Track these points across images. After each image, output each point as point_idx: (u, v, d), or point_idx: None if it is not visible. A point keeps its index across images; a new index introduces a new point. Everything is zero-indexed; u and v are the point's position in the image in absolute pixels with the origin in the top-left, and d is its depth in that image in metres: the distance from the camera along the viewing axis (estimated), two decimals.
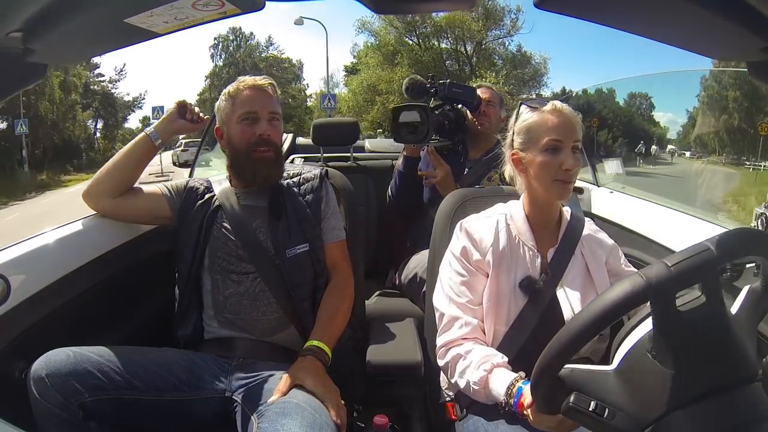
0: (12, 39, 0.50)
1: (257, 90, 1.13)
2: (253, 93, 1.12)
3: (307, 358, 0.95)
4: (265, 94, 1.13)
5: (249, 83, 1.14)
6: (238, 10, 0.57)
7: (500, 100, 1.69)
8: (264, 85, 1.14)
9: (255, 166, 1.11)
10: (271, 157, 1.12)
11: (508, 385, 0.80)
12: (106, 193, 1.13)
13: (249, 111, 1.11)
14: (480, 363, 0.85)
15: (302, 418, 0.79)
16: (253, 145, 1.10)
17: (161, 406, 0.91)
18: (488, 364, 0.84)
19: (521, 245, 0.96)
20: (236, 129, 1.12)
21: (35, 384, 0.81)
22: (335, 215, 1.19)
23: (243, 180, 1.15)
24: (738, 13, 0.47)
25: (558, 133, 0.91)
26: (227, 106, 1.13)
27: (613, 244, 1.03)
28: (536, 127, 0.93)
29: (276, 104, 1.15)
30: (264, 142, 1.11)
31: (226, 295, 1.08)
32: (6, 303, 0.88)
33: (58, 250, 1.02)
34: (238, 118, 1.12)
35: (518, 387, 0.79)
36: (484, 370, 0.84)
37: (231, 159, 1.16)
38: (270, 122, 1.12)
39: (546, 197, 0.95)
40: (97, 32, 0.58)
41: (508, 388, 0.80)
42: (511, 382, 0.80)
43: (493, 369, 0.84)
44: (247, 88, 1.13)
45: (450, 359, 0.91)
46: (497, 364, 0.85)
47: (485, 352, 0.88)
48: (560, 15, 0.54)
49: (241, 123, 1.12)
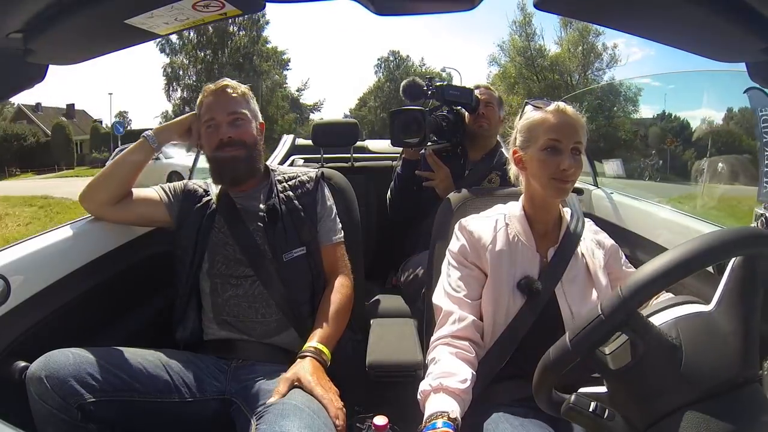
0: (12, 39, 0.50)
1: (215, 95, 1.13)
2: (211, 99, 1.13)
3: (306, 359, 0.95)
4: (223, 96, 1.12)
5: (208, 90, 1.14)
6: (238, 11, 0.57)
7: (499, 102, 1.69)
8: (220, 87, 1.13)
9: (221, 167, 1.12)
10: (238, 156, 1.11)
11: (432, 413, 0.77)
12: (104, 199, 1.11)
13: (209, 118, 1.12)
14: (437, 376, 0.83)
15: (301, 420, 0.79)
16: (217, 149, 1.11)
17: (160, 408, 0.91)
18: (437, 382, 0.82)
19: (520, 245, 0.96)
20: (204, 136, 1.14)
21: (34, 385, 0.81)
22: (332, 217, 1.19)
23: (221, 181, 1.16)
24: (737, 14, 0.47)
25: (557, 134, 0.92)
26: (198, 115, 1.15)
27: (613, 245, 1.03)
28: (537, 126, 0.94)
29: (237, 104, 1.13)
30: (227, 144, 1.10)
31: (225, 297, 1.08)
32: (6, 304, 0.88)
33: (58, 252, 1.02)
34: (203, 126, 1.13)
35: (435, 422, 0.75)
36: (429, 385, 0.82)
37: (208, 163, 1.16)
38: (231, 124, 1.11)
39: (543, 196, 0.96)
40: (97, 33, 0.58)
41: (430, 416, 0.77)
42: (437, 412, 0.77)
43: (438, 390, 0.81)
44: (207, 95, 1.14)
45: (431, 357, 0.90)
46: (445, 387, 0.81)
47: (449, 368, 0.85)
48: (560, 16, 0.54)
49: (205, 130, 1.13)
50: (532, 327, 0.90)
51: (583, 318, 0.58)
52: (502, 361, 0.91)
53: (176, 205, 1.16)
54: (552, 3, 0.52)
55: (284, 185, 1.18)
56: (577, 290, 0.93)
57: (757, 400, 0.55)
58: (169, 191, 1.17)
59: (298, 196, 1.16)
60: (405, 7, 0.66)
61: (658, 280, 0.54)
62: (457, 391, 0.81)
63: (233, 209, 1.13)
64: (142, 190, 1.16)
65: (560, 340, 0.60)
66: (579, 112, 0.95)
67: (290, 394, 0.87)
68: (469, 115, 1.64)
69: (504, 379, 0.90)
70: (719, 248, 0.54)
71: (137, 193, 1.15)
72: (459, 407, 0.79)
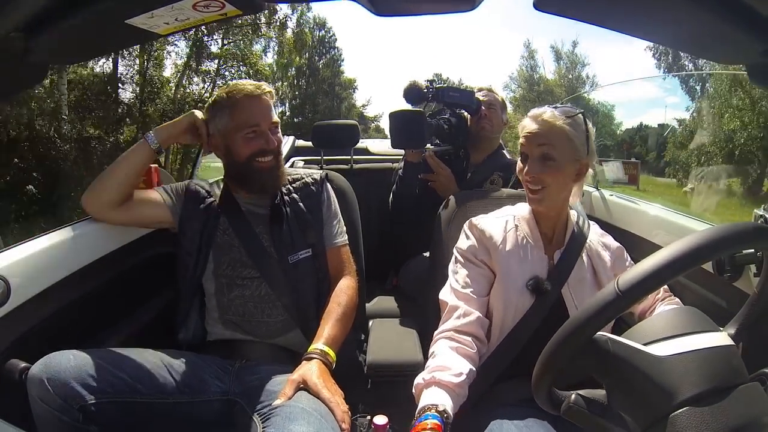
0: (12, 39, 0.50)
1: (257, 99, 1.06)
2: (252, 102, 1.06)
3: (312, 362, 0.94)
4: (265, 103, 1.08)
5: (247, 91, 1.06)
6: (238, 11, 0.57)
7: (502, 104, 1.68)
8: (261, 91, 1.07)
9: (260, 175, 1.09)
10: (273, 165, 1.10)
11: (423, 406, 0.77)
12: (105, 201, 1.08)
13: (254, 124, 1.06)
14: (431, 369, 0.84)
15: (309, 423, 0.79)
16: (256, 156, 1.08)
17: (163, 409, 0.90)
18: (430, 376, 0.82)
19: (528, 246, 0.97)
20: (237, 141, 1.07)
21: (35, 387, 0.81)
22: (337, 219, 1.19)
23: (247, 188, 1.13)
24: (738, 16, 0.47)
25: (525, 139, 0.95)
26: (224, 116, 1.08)
27: (619, 247, 1.04)
28: (519, 131, 0.97)
29: (273, 111, 1.10)
30: (269, 152, 1.08)
31: (231, 297, 1.08)
32: (6, 305, 0.88)
33: (59, 252, 1.02)
34: (238, 130, 1.07)
35: (426, 415, 0.76)
36: (423, 379, 0.83)
37: (230, 168, 1.13)
38: (272, 132, 1.09)
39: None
40: (97, 33, 0.58)
41: (421, 409, 0.77)
42: (427, 405, 0.77)
43: (431, 383, 0.81)
44: (243, 96, 1.06)
45: (432, 351, 0.91)
46: (438, 381, 0.81)
47: (445, 362, 0.85)
48: (559, 16, 0.54)
49: (242, 135, 1.07)
50: (538, 327, 0.91)
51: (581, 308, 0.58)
52: (507, 360, 0.92)
53: (179, 206, 1.14)
54: (552, 3, 0.52)
55: (289, 187, 1.17)
56: (584, 291, 0.94)
57: (758, 400, 0.55)
58: (171, 192, 1.15)
59: (303, 198, 1.16)
60: (405, 8, 0.66)
61: (648, 279, 0.54)
62: (450, 384, 0.81)
63: (238, 211, 1.12)
64: (144, 192, 1.14)
65: (556, 333, 0.60)
66: (568, 117, 0.93)
67: (296, 397, 0.87)
68: (471, 118, 1.64)
69: (509, 379, 0.91)
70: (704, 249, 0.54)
71: (139, 195, 1.12)
72: (451, 401, 0.79)
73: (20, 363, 0.87)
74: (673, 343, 0.57)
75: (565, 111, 0.94)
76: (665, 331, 0.58)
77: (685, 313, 0.63)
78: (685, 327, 0.59)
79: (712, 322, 0.61)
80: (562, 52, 19.53)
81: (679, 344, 0.57)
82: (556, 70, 20.42)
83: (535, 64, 21.23)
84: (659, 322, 0.62)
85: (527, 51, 21.35)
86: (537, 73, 21.24)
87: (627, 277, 0.54)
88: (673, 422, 0.52)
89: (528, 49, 21.33)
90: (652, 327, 0.60)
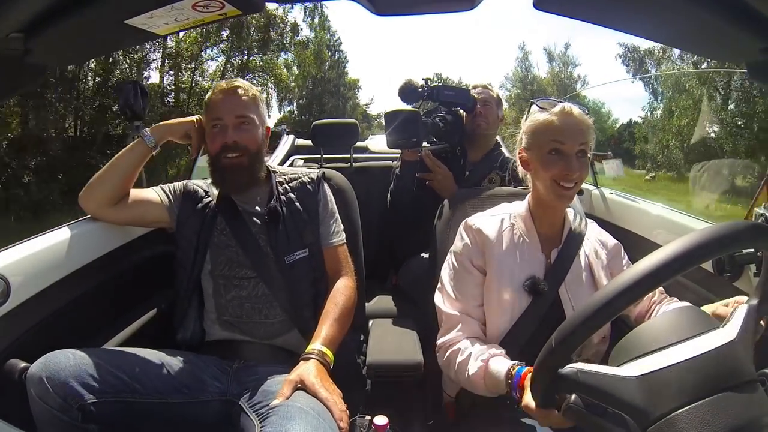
0: (12, 40, 0.50)
1: (225, 93, 1.09)
2: (220, 97, 1.09)
3: (309, 362, 0.94)
4: (233, 97, 1.09)
5: (219, 87, 1.10)
6: (238, 11, 0.57)
7: (498, 101, 1.68)
8: (232, 87, 1.09)
9: (223, 171, 1.10)
10: (240, 163, 1.09)
11: (508, 367, 0.80)
12: (102, 199, 1.09)
13: (216, 117, 1.09)
14: (478, 355, 0.86)
15: (306, 423, 0.79)
16: (220, 152, 1.09)
17: (162, 409, 0.91)
18: (486, 354, 0.85)
19: (525, 245, 0.96)
20: (209, 135, 1.11)
21: (34, 386, 0.81)
22: (334, 218, 1.18)
23: (222, 186, 1.13)
24: (737, 14, 0.47)
25: (562, 137, 0.91)
26: (204, 114, 1.12)
27: (616, 244, 1.03)
28: (542, 129, 0.93)
29: (246, 107, 1.09)
30: (231, 148, 1.08)
31: (228, 298, 1.08)
32: (6, 304, 0.88)
33: (58, 252, 1.02)
34: (209, 125, 1.10)
35: (518, 368, 0.79)
36: (481, 360, 0.85)
37: (209, 165, 1.14)
38: (238, 127, 1.08)
39: (547, 199, 0.95)
40: (97, 33, 0.58)
41: (507, 371, 0.80)
42: (510, 366, 0.81)
43: (489, 359, 0.85)
44: (217, 92, 1.10)
45: (449, 355, 0.91)
46: (494, 354, 0.85)
47: (483, 346, 0.89)
48: (559, 16, 0.54)
49: (211, 130, 1.10)
50: (536, 329, 0.91)
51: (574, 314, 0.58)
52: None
53: (176, 206, 1.14)
54: (551, 3, 0.52)
55: (285, 187, 1.17)
56: (581, 291, 0.94)
57: (758, 400, 0.55)
58: (168, 192, 1.16)
59: (300, 198, 1.15)
60: (404, 8, 0.65)
61: (644, 282, 0.53)
62: (502, 354, 0.86)
63: (235, 211, 1.12)
64: (141, 191, 1.15)
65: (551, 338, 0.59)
66: (585, 112, 0.93)
67: (294, 396, 0.87)
68: (467, 115, 1.64)
69: None
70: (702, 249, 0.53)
71: (136, 194, 1.13)
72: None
73: (20, 362, 0.87)
74: (662, 355, 0.56)
75: (579, 107, 0.94)
76: (656, 342, 0.58)
77: (679, 317, 0.62)
78: (679, 334, 0.58)
79: (710, 320, 0.61)
80: (554, 54, 20.79)
81: (667, 356, 0.56)
82: (549, 71, 21.44)
83: (529, 65, 22.28)
84: (651, 331, 0.60)
85: (522, 53, 22.40)
86: (531, 73, 22.21)
87: (623, 278, 0.55)
88: (673, 422, 0.52)
89: (523, 50, 22.44)
90: (639, 339, 0.60)
